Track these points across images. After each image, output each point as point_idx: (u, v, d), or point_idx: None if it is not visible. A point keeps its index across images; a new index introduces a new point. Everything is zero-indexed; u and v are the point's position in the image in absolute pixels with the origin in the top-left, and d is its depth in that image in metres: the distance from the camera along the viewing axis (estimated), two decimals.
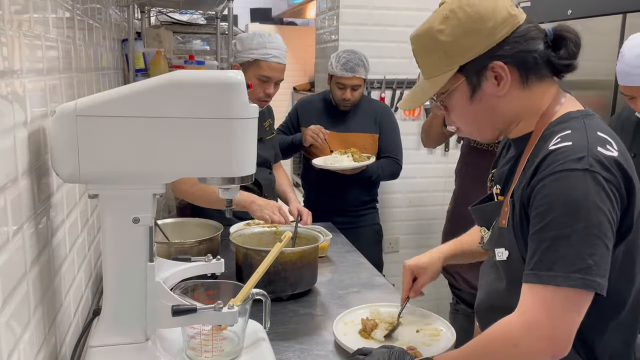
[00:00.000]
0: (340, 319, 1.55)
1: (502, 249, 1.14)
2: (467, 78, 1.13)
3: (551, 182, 1.01)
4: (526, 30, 1.11)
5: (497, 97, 1.13)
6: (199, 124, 1.02)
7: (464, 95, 1.15)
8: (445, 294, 3.06)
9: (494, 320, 1.21)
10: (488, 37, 1.10)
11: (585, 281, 0.97)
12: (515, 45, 1.10)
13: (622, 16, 2.51)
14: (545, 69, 1.13)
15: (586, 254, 0.98)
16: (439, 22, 1.13)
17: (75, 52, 1.44)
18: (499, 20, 1.09)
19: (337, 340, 1.44)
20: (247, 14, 7.68)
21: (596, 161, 1.00)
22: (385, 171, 2.89)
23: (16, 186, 0.90)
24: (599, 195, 0.99)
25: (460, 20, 1.10)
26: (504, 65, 1.10)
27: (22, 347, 0.89)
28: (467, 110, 1.16)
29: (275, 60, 2.27)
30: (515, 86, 1.13)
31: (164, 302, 1.11)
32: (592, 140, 1.04)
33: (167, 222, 2.02)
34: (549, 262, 1.00)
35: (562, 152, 1.03)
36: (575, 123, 1.09)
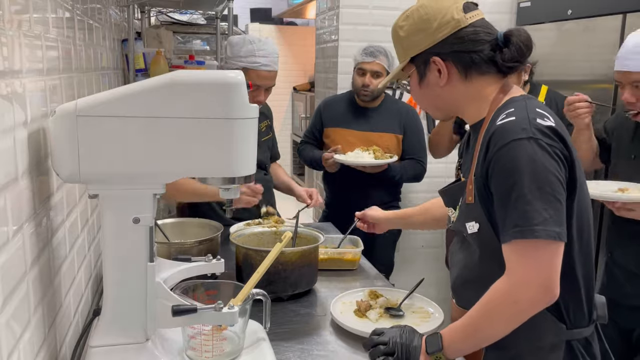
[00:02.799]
0: (338, 299, 1.66)
1: (473, 222, 1.27)
2: (416, 67, 1.34)
3: (503, 153, 1.16)
4: (471, 32, 1.27)
5: (439, 86, 1.32)
6: (199, 124, 1.02)
7: (415, 81, 1.37)
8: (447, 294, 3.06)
9: (468, 294, 1.33)
10: (431, 36, 1.29)
11: (547, 232, 1.11)
12: (452, 45, 1.28)
13: (622, 16, 2.51)
14: (489, 67, 1.29)
15: (542, 208, 1.12)
16: (402, 19, 1.35)
17: (75, 52, 1.44)
18: (442, 22, 1.27)
19: (334, 319, 1.55)
20: (247, 14, 7.68)
21: (537, 130, 1.16)
22: (409, 172, 2.87)
23: (16, 186, 0.90)
24: (545, 157, 1.14)
25: (414, 20, 1.31)
26: (441, 61, 1.29)
27: (22, 347, 0.89)
28: (419, 93, 1.38)
29: (264, 69, 2.24)
30: (456, 79, 1.30)
31: (164, 302, 1.11)
32: (532, 115, 1.20)
33: (167, 222, 2.01)
34: (514, 219, 1.14)
35: (507, 126, 1.18)
36: (518, 104, 1.25)
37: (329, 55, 3.64)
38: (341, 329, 1.52)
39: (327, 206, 3.07)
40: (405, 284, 3.28)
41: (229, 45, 2.30)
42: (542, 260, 1.13)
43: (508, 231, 1.15)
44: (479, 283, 1.25)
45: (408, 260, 3.52)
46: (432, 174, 3.35)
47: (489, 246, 1.24)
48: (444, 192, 1.47)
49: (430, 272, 3.60)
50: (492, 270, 1.20)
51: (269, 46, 2.27)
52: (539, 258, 1.13)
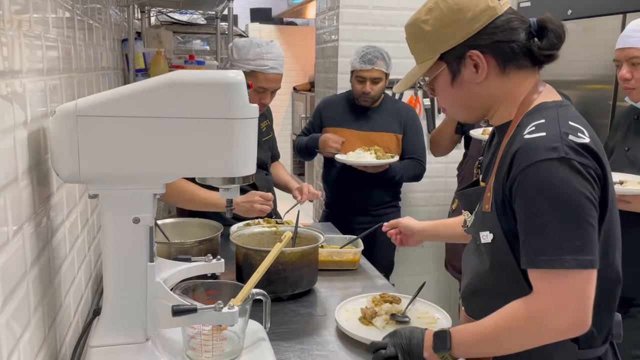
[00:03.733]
0: (341, 307, 1.61)
1: (487, 232, 1.20)
2: (448, 65, 1.22)
3: (531, 172, 1.07)
4: (506, 20, 1.17)
5: (475, 83, 1.20)
6: (199, 124, 1.02)
7: (446, 80, 1.23)
8: (455, 294, 3.06)
9: (479, 303, 1.28)
10: (466, 28, 1.17)
11: (578, 261, 1.04)
12: (492, 36, 1.17)
13: (622, 16, 2.51)
14: (525, 59, 1.19)
15: (574, 236, 1.05)
16: (425, 13, 1.22)
17: (75, 52, 1.44)
18: (477, 12, 1.16)
19: (340, 327, 1.51)
20: (247, 14, 7.68)
21: (570, 149, 1.07)
22: (409, 172, 2.87)
23: (16, 186, 0.90)
24: (578, 180, 1.06)
25: (442, 11, 1.19)
26: (480, 54, 1.17)
27: (22, 347, 0.89)
28: (450, 93, 1.25)
29: (272, 72, 2.24)
30: (493, 73, 1.19)
31: (164, 302, 1.11)
32: (564, 130, 1.10)
33: (167, 222, 2.01)
34: (541, 247, 1.06)
35: (537, 142, 1.09)
36: (549, 113, 1.15)
37: (329, 55, 3.64)
38: (343, 332, 1.51)
39: (327, 206, 3.07)
40: (405, 284, 3.29)
41: (235, 48, 2.29)
42: (573, 291, 1.06)
43: (535, 258, 1.07)
44: (488, 294, 1.22)
45: (408, 260, 3.52)
46: (432, 173, 3.36)
47: (502, 259, 1.18)
48: (461, 194, 1.37)
49: (430, 272, 3.61)
50: (503, 283, 1.17)
51: (276, 49, 2.28)
52: (570, 288, 1.06)
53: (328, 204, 3.06)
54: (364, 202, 2.90)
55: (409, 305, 1.64)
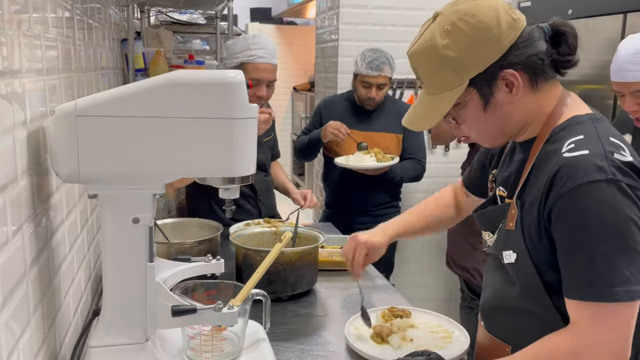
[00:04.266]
0: (350, 323, 1.51)
1: (510, 252, 1.13)
2: (478, 90, 1.10)
3: (575, 197, 1.00)
4: (530, 32, 1.09)
5: (510, 104, 1.11)
6: (198, 124, 1.02)
7: (476, 107, 1.12)
8: (455, 294, 3.06)
9: (501, 321, 1.23)
10: (496, 46, 1.06)
11: (629, 293, 0.98)
12: (523, 51, 1.07)
13: (623, 16, 2.51)
14: (550, 69, 1.12)
15: (623, 266, 0.98)
16: (442, 36, 1.07)
17: (75, 52, 1.44)
18: (504, 27, 1.06)
19: (352, 346, 1.41)
20: (247, 13, 7.68)
21: (616, 169, 0.99)
22: (409, 173, 2.87)
23: (15, 186, 0.89)
24: (627, 203, 0.98)
25: (465, 33, 1.06)
26: (515, 72, 1.07)
27: (21, 347, 0.89)
28: (481, 120, 1.13)
29: (261, 61, 2.22)
30: (527, 91, 1.10)
31: (164, 302, 1.10)
32: (608, 147, 1.02)
33: (166, 222, 2.01)
34: (589, 278, 1.00)
35: (581, 162, 1.01)
36: (586, 128, 1.07)
37: (329, 55, 3.64)
38: (343, 330, 1.51)
39: (327, 206, 3.07)
40: (405, 284, 3.29)
41: (225, 49, 2.32)
42: (619, 325, 1.00)
43: (580, 289, 1.01)
44: (511, 312, 1.18)
45: (408, 260, 3.52)
46: (432, 173, 3.36)
47: (527, 280, 1.12)
48: (481, 215, 1.27)
49: (430, 272, 3.61)
50: (528, 303, 1.13)
51: (263, 39, 2.27)
52: (616, 322, 1.00)
53: (328, 204, 3.06)
54: (364, 203, 2.90)
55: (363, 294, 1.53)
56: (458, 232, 2.78)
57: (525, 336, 1.11)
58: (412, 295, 2.80)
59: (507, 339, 1.20)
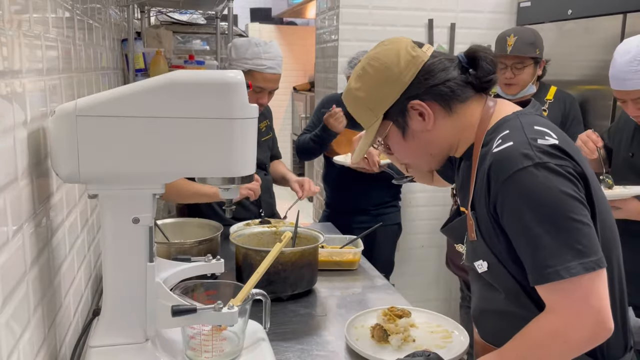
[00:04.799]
0: (350, 324, 1.52)
1: (480, 261, 1.17)
2: (394, 122, 1.21)
3: (509, 185, 1.05)
4: (434, 64, 1.18)
5: (427, 131, 1.20)
6: (199, 124, 1.02)
7: (397, 136, 1.23)
8: (455, 294, 3.06)
9: (488, 325, 1.26)
10: (398, 82, 1.18)
11: (584, 265, 1.01)
12: (425, 82, 1.17)
13: (623, 16, 2.50)
14: (467, 91, 1.19)
15: (572, 239, 1.01)
16: (355, 81, 1.23)
17: (75, 52, 1.44)
18: (402, 65, 1.17)
19: (352, 346, 1.41)
20: (247, 13, 7.69)
21: (542, 152, 1.05)
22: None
23: (16, 186, 0.90)
24: (559, 181, 1.03)
25: (370, 75, 1.20)
26: (422, 102, 1.17)
27: (22, 347, 0.89)
28: (405, 148, 1.25)
29: (269, 72, 2.23)
30: (441, 116, 1.19)
31: (164, 302, 1.11)
32: (531, 135, 1.08)
33: (167, 222, 2.01)
34: (543, 260, 1.03)
35: (507, 153, 1.07)
36: (512, 123, 1.14)
37: (329, 55, 3.64)
38: (343, 330, 1.51)
39: (327, 206, 3.07)
40: (406, 284, 3.29)
41: (233, 48, 2.29)
42: (587, 295, 1.02)
43: (540, 273, 1.03)
44: (496, 316, 1.21)
45: (408, 260, 3.52)
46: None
47: (503, 284, 1.15)
48: (446, 230, 1.33)
49: (430, 272, 3.61)
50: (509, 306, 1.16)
51: (274, 49, 2.27)
52: (583, 293, 1.02)
53: (328, 203, 3.06)
54: (364, 202, 2.90)
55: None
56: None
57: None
58: (412, 295, 2.80)
59: (497, 343, 1.20)
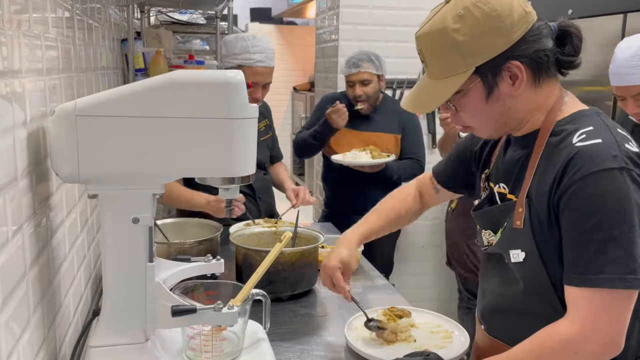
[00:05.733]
0: (350, 324, 1.51)
1: (518, 251, 1.12)
2: (482, 78, 1.09)
3: (588, 183, 1.00)
4: (539, 28, 1.09)
5: (512, 96, 1.11)
6: (199, 124, 1.02)
7: (479, 95, 1.11)
8: (455, 294, 3.05)
9: (501, 322, 1.22)
10: (506, 36, 1.06)
11: (633, 283, 0.98)
12: (531, 45, 1.07)
13: (623, 16, 2.50)
14: (553, 67, 1.12)
15: (636, 253, 0.98)
16: (453, 20, 1.06)
17: (75, 52, 1.44)
18: (516, 19, 1.05)
19: (351, 347, 1.41)
20: (247, 13, 7.69)
21: (628, 158, 1.01)
22: (407, 172, 2.86)
23: (15, 186, 0.89)
24: (637, 192, 1.00)
25: (477, 19, 1.05)
26: (521, 65, 1.08)
27: (21, 347, 0.89)
28: (482, 110, 1.13)
29: (259, 65, 2.23)
30: (529, 85, 1.11)
31: (164, 302, 1.10)
32: (619, 138, 1.03)
33: (166, 222, 2.01)
34: (599, 264, 0.99)
35: (595, 150, 1.02)
36: (593, 120, 1.08)
37: (329, 54, 3.64)
38: (343, 330, 1.51)
39: (326, 206, 3.07)
40: (406, 284, 3.29)
41: (223, 45, 2.32)
42: (617, 313, 1.00)
43: (589, 276, 1.00)
44: (515, 313, 1.18)
45: (408, 260, 3.52)
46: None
47: (534, 279, 1.12)
48: (482, 214, 1.26)
49: (430, 272, 3.61)
50: (533, 303, 1.13)
51: (263, 42, 2.27)
52: (615, 310, 1.00)
53: (327, 203, 3.06)
54: (363, 202, 2.89)
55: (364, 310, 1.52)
56: (456, 230, 2.78)
57: (528, 336, 1.10)
58: (412, 295, 2.80)
59: (509, 340, 1.19)
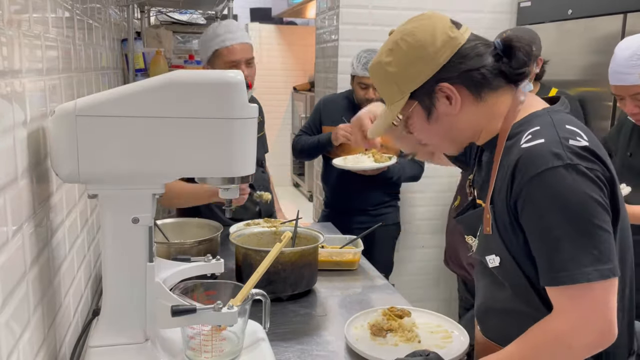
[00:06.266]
0: (350, 324, 1.51)
1: (493, 256, 1.16)
2: (419, 102, 1.18)
3: (535, 184, 1.03)
4: (470, 48, 1.15)
5: (452, 115, 1.17)
6: (199, 124, 1.02)
7: (420, 117, 1.20)
8: (455, 294, 3.06)
9: (492, 323, 1.24)
10: (431, 63, 1.14)
11: (600, 272, 1.00)
12: (459, 66, 1.14)
13: (623, 16, 2.51)
14: (499, 80, 1.16)
15: (591, 245, 1.01)
16: (386, 54, 1.20)
17: (75, 52, 1.44)
18: (438, 45, 1.14)
19: (351, 346, 1.41)
20: (247, 13, 7.68)
21: (573, 154, 1.03)
22: (407, 172, 2.86)
23: (16, 186, 0.90)
24: (587, 185, 1.02)
25: (404, 51, 1.17)
26: (451, 86, 1.14)
27: (21, 347, 0.89)
28: (427, 129, 1.21)
29: (232, 43, 2.26)
30: (469, 102, 1.16)
31: (164, 302, 1.11)
32: (563, 134, 1.06)
33: (166, 222, 2.01)
34: (559, 262, 1.02)
35: (537, 150, 1.05)
36: (542, 119, 1.12)
37: (329, 55, 3.64)
38: (343, 330, 1.51)
39: (326, 206, 3.07)
40: (405, 284, 3.29)
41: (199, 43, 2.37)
42: (598, 303, 1.02)
43: (554, 275, 1.03)
44: (502, 313, 1.20)
45: (408, 260, 3.52)
46: (431, 173, 3.36)
47: (513, 281, 1.14)
48: (461, 220, 1.31)
49: (430, 272, 3.61)
50: (517, 304, 1.15)
51: (229, 22, 2.33)
52: (594, 300, 1.02)
53: (327, 204, 3.06)
54: (363, 202, 2.90)
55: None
56: (455, 230, 2.78)
57: (518, 336, 1.11)
58: (412, 295, 2.80)
59: (501, 341, 1.20)
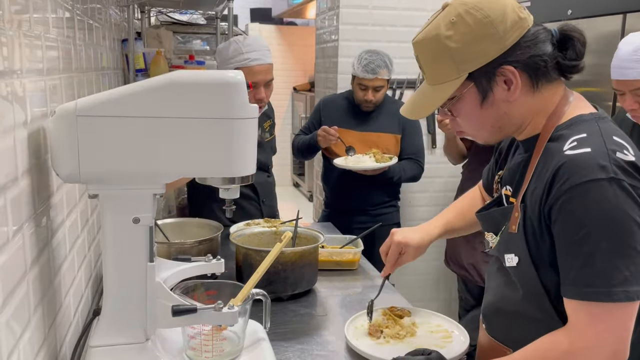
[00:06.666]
0: (350, 324, 1.51)
1: (512, 255, 1.13)
2: (476, 84, 1.10)
3: (576, 195, 0.99)
4: (535, 33, 1.09)
5: (507, 101, 1.10)
6: (199, 124, 1.02)
7: (473, 101, 1.11)
8: (455, 294, 3.05)
9: (500, 323, 1.22)
10: (499, 43, 1.06)
11: (627, 294, 0.97)
12: (526, 50, 1.07)
13: (622, 16, 2.50)
14: (554, 71, 1.11)
15: (623, 265, 0.97)
16: (446, 27, 1.08)
17: (75, 52, 1.44)
18: (509, 25, 1.06)
19: (350, 344, 1.42)
20: (247, 14, 7.69)
21: (618, 168, 0.98)
22: (407, 173, 2.86)
23: (16, 186, 0.90)
24: (628, 203, 0.97)
25: (469, 26, 1.06)
26: (515, 70, 1.07)
27: (22, 347, 0.89)
28: (477, 115, 1.13)
29: (256, 64, 2.20)
30: (526, 90, 1.10)
31: (164, 302, 1.11)
32: (610, 146, 1.01)
33: (167, 222, 2.01)
34: (588, 277, 0.99)
35: (582, 160, 1.00)
36: (589, 126, 1.06)
37: (329, 55, 3.64)
38: (343, 330, 1.51)
39: (326, 206, 3.07)
40: (406, 284, 3.29)
41: (217, 55, 2.28)
42: (616, 325, 0.99)
43: (579, 288, 1.00)
44: (512, 315, 1.18)
45: None
46: (432, 173, 3.36)
47: (528, 284, 1.12)
48: (485, 215, 1.26)
49: (430, 272, 3.60)
50: (529, 308, 1.13)
51: (254, 41, 2.24)
52: (614, 321, 0.99)
53: (327, 204, 3.06)
54: (363, 202, 2.90)
55: (381, 291, 1.57)
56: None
57: (526, 340, 1.10)
58: (412, 295, 2.80)
59: (507, 342, 1.19)
